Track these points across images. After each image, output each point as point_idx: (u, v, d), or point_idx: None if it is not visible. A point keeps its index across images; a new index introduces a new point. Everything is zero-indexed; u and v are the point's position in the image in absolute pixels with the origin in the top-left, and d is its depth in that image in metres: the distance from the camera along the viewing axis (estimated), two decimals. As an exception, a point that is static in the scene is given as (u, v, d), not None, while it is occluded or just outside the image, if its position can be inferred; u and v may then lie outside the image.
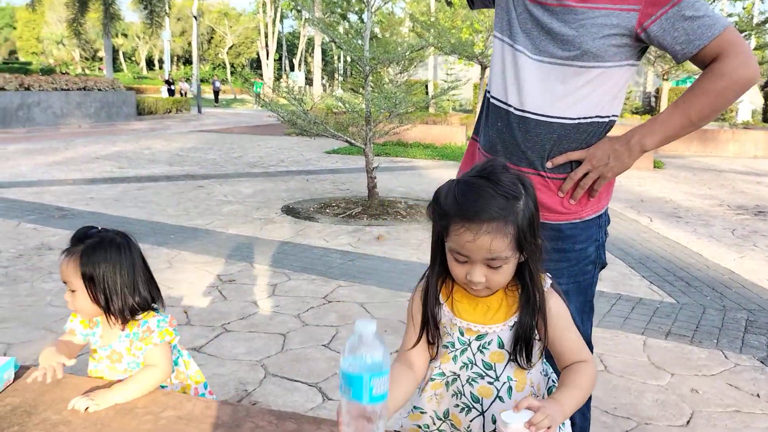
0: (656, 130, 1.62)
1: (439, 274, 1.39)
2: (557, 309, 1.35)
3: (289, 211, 7.05)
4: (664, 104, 18.07)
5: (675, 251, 5.63)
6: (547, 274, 1.38)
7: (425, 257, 2.30)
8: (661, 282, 4.69)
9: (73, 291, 1.59)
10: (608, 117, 1.66)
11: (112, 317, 1.60)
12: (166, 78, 38.35)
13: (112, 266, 1.58)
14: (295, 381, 2.99)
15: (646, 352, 3.44)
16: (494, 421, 1.36)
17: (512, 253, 1.25)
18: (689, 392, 2.98)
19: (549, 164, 1.65)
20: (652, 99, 27.74)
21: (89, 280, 1.57)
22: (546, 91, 1.62)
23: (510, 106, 1.66)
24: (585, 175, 1.64)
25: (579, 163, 1.65)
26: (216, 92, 40.64)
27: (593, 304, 1.83)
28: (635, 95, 30.34)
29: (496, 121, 1.71)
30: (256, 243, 5.59)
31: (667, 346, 3.52)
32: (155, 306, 1.69)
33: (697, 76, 1.62)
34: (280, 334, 3.55)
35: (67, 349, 1.67)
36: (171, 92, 34.85)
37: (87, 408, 1.41)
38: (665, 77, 17.63)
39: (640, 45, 1.61)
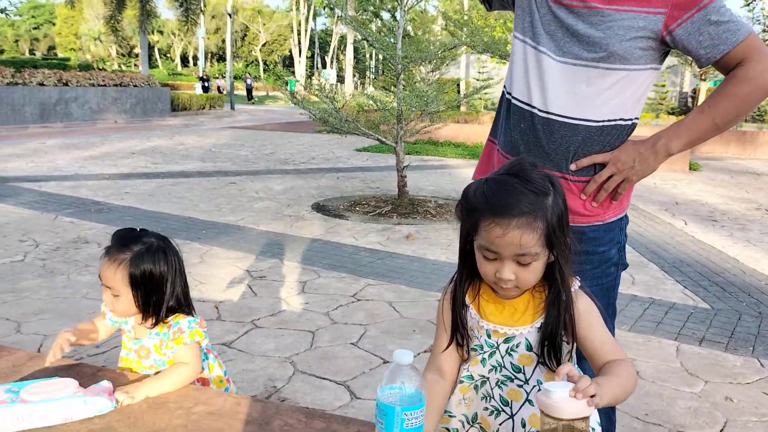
0: (682, 134, 1.64)
1: (467, 276, 1.40)
2: (586, 308, 1.34)
3: (320, 208, 7.09)
4: (700, 105, 17.65)
5: (710, 255, 5.52)
6: (576, 276, 1.37)
7: (455, 257, 2.30)
8: (696, 287, 4.61)
9: (116, 296, 1.61)
10: (631, 120, 1.67)
11: (148, 317, 1.64)
12: (201, 75, 38.79)
13: (159, 273, 1.62)
14: (324, 379, 3.01)
15: (679, 358, 3.38)
16: (523, 425, 1.36)
17: (542, 249, 1.25)
18: (723, 400, 2.93)
19: (573, 166, 1.65)
20: (689, 99, 27.22)
21: (136, 288, 1.60)
22: (571, 92, 1.62)
23: (534, 107, 1.66)
24: (609, 178, 1.65)
25: (603, 165, 1.65)
26: (249, 89, 40.86)
27: (615, 307, 1.84)
28: (672, 95, 29.80)
29: (519, 122, 1.70)
30: (286, 240, 5.63)
31: (700, 352, 3.46)
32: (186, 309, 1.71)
33: None
34: (308, 331, 3.58)
35: (90, 328, 1.73)
36: (205, 89, 35.20)
37: (122, 401, 1.44)
38: (702, 77, 17.28)
39: (664, 48, 1.62)
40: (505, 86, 1.80)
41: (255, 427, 1.38)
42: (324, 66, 61.21)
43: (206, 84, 35.81)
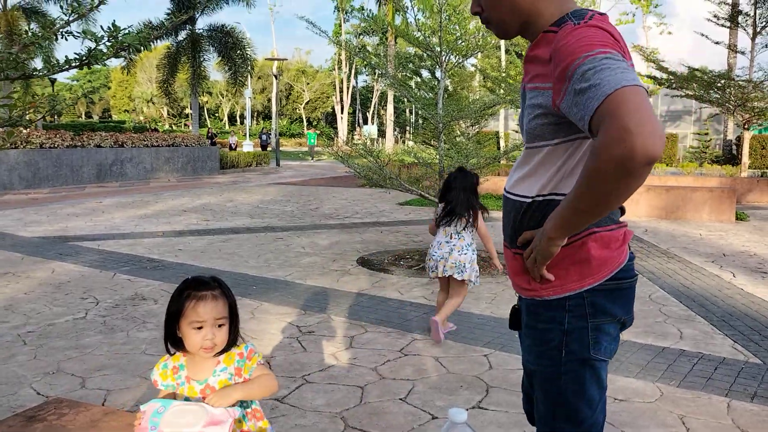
0: (553, 217, 1.50)
1: None
2: None
3: (365, 262, 7.23)
4: (745, 153, 17.38)
5: (760, 309, 5.43)
6: None
7: (499, 311, 2.38)
8: (746, 341, 4.54)
9: (220, 326, 1.82)
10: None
11: (229, 346, 1.86)
12: (209, 132, 38.91)
13: (234, 302, 1.90)
14: (373, 433, 3.08)
15: (731, 414, 3.35)
16: None
17: None
18: (777, 458, 2.89)
19: (518, 241, 1.67)
20: (734, 147, 26.76)
21: (233, 314, 1.86)
22: (516, 171, 1.70)
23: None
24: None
25: None
26: (263, 146, 38.22)
27: (577, 416, 1.60)
28: (716, 143, 29.37)
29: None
30: (333, 294, 5.77)
31: (753, 409, 3.42)
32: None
33: None
34: (358, 386, 3.67)
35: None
36: (212, 145, 34.46)
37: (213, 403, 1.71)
38: (746, 126, 17.03)
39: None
40: None
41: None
42: (365, 122, 62.36)
43: (213, 141, 35.45)
